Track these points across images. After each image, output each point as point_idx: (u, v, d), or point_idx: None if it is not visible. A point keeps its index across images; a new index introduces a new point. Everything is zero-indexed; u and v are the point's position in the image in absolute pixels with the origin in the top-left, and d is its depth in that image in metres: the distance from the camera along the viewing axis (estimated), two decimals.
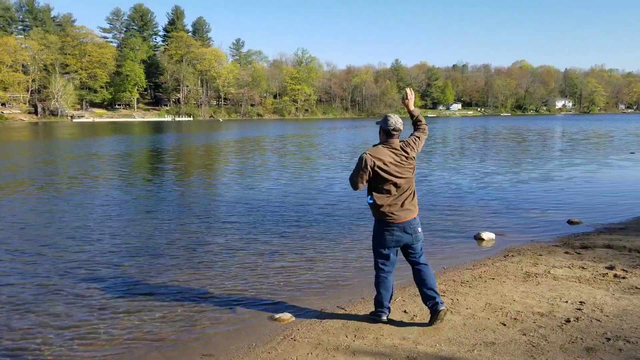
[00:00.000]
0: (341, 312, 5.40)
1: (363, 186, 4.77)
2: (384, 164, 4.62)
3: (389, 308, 5.03)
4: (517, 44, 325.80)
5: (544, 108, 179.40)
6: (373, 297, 5.10)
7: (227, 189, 14.90)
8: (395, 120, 4.75)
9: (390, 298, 5.03)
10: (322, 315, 5.34)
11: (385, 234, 4.77)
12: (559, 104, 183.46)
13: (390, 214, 4.71)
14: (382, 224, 4.78)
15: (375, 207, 4.80)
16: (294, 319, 5.25)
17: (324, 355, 4.35)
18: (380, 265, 4.90)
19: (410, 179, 4.80)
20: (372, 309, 5.17)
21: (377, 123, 4.94)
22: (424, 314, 5.10)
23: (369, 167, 4.61)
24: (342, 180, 16.14)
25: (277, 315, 5.33)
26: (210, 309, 5.62)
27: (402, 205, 4.73)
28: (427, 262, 4.98)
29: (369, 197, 4.81)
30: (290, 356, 4.38)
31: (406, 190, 4.76)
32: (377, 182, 4.69)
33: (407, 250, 4.90)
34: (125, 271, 7.01)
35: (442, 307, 4.80)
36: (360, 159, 4.67)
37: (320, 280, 6.59)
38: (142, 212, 11.19)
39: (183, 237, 8.93)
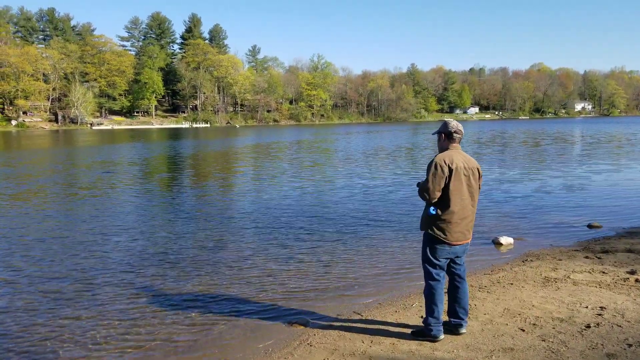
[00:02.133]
0: (357, 317, 5.38)
1: (439, 194, 4.39)
2: (457, 168, 4.39)
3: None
4: (534, 47, 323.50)
5: (563, 111, 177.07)
6: (423, 314, 4.75)
7: (243, 195, 14.97)
8: (456, 123, 4.60)
9: None
10: (338, 320, 5.33)
11: (441, 246, 4.51)
12: (578, 106, 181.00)
13: (448, 233, 4.44)
14: (435, 240, 4.50)
15: (435, 221, 4.46)
16: (310, 324, 5.25)
17: None
18: (436, 276, 4.57)
19: (475, 193, 4.54)
20: (390, 314, 5.13)
21: (433, 133, 4.82)
22: None
23: (445, 171, 4.35)
24: (357, 186, 16.12)
25: (293, 320, 5.34)
26: (226, 314, 5.65)
27: (461, 226, 4.47)
28: (465, 277, 4.78)
29: (432, 207, 4.46)
30: None
31: (470, 207, 4.51)
32: (446, 190, 4.40)
33: (453, 260, 4.69)
34: (142, 277, 7.08)
35: (463, 331, 4.70)
36: (434, 164, 4.39)
37: (336, 286, 6.58)
38: (157, 219, 11.29)
39: (199, 243, 8.99)
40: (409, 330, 4.84)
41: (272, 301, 6.03)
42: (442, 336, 4.60)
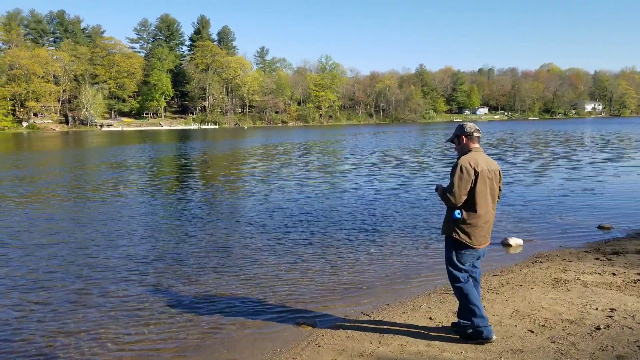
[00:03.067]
0: (365, 318, 5.38)
1: (465, 198, 4.30)
2: (482, 171, 4.31)
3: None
4: (544, 47, 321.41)
5: (573, 111, 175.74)
6: (465, 319, 4.60)
7: (250, 197, 15.01)
8: (472, 124, 4.53)
9: None
10: (346, 321, 5.33)
11: (467, 251, 4.48)
12: (589, 107, 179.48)
13: (473, 237, 4.38)
14: (460, 245, 4.45)
15: (460, 224, 4.39)
16: (318, 325, 5.26)
17: None
18: (463, 279, 4.53)
19: (495, 196, 4.49)
20: (398, 315, 5.10)
21: (447, 141, 4.75)
22: (449, 320, 5.05)
23: (471, 174, 4.26)
24: (365, 188, 16.11)
25: (301, 321, 5.35)
26: (235, 315, 5.66)
27: (484, 230, 4.43)
28: (480, 280, 4.76)
29: (457, 211, 4.37)
30: None
31: (492, 210, 4.47)
32: (471, 193, 4.32)
33: (471, 263, 4.65)
34: (151, 278, 7.12)
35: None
36: (459, 167, 4.29)
37: (344, 287, 6.58)
38: (166, 221, 11.35)
39: (207, 244, 9.03)
40: (417, 331, 4.83)
41: (280, 302, 6.04)
42: (494, 337, 4.51)
